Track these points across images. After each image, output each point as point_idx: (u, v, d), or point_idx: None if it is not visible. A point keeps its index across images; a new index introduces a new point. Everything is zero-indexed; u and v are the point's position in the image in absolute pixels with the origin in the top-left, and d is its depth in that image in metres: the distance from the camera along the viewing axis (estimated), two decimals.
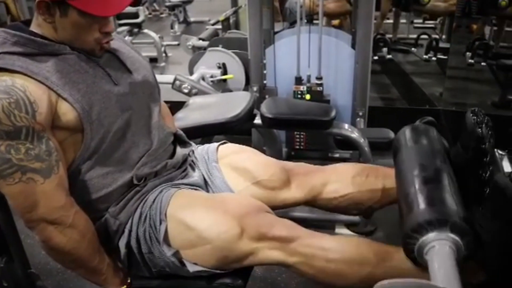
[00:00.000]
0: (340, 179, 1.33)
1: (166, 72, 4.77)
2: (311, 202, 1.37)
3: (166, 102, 2.92)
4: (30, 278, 1.27)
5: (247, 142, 2.81)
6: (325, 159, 2.77)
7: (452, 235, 0.88)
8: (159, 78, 3.44)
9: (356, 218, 2.16)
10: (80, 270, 1.16)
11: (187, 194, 1.22)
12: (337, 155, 2.78)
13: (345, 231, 2.18)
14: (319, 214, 2.25)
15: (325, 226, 2.21)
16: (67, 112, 1.06)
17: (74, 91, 1.06)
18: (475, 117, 1.06)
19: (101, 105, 1.10)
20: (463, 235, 0.88)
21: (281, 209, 1.35)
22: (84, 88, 1.08)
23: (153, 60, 5.11)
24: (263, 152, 2.50)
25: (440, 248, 0.88)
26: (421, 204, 0.94)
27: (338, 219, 2.21)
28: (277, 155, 2.43)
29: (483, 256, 0.96)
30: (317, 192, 1.34)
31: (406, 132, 1.19)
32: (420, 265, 0.93)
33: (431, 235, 0.89)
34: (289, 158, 2.79)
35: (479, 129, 1.02)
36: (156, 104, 1.29)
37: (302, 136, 2.73)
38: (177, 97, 2.88)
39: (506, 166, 2.27)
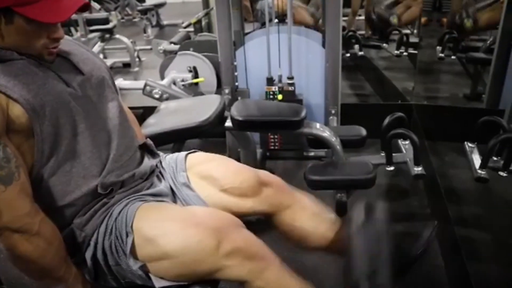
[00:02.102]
0: (301, 211, 1.39)
1: (140, 77, 4.72)
2: (270, 216, 1.39)
3: (139, 108, 2.91)
4: None
5: (222, 144, 2.83)
6: (300, 159, 2.78)
7: None
8: (130, 84, 3.43)
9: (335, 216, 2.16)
10: (46, 280, 1.12)
11: (154, 208, 1.20)
12: (312, 154, 2.79)
13: None
14: None
15: None
16: (20, 115, 1.03)
17: (25, 92, 1.03)
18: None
19: (53, 105, 1.07)
20: None
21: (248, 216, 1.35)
22: (35, 89, 1.06)
23: (126, 65, 5.06)
24: (238, 154, 2.53)
25: None
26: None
27: None
28: (252, 157, 2.43)
29: None
30: (278, 211, 1.37)
31: (358, 213, 1.31)
32: None
33: None
34: (264, 159, 2.79)
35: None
36: (112, 105, 1.25)
37: (276, 137, 2.73)
38: (150, 102, 2.86)
39: (476, 159, 2.32)
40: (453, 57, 3.75)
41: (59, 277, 1.10)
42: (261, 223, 1.42)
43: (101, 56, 5.00)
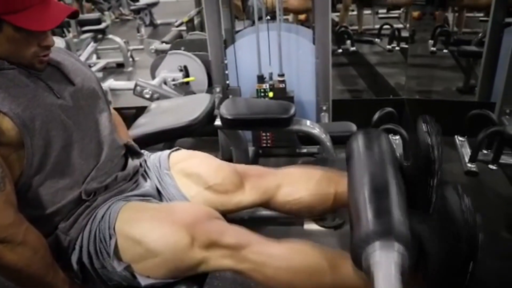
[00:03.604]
0: (292, 183, 1.35)
1: (134, 77, 4.70)
2: (265, 205, 1.37)
3: (131, 108, 2.91)
4: None
5: (214, 143, 2.83)
6: (292, 156, 2.78)
7: (397, 246, 0.88)
8: (121, 85, 3.42)
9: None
10: (34, 287, 1.13)
11: (135, 207, 1.21)
12: (304, 151, 2.79)
13: (314, 226, 2.19)
14: None
15: (293, 223, 2.22)
16: (10, 129, 1.03)
17: (14, 106, 1.04)
18: (426, 125, 1.07)
19: (43, 119, 1.08)
20: (408, 246, 0.88)
21: (237, 212, 1.35)
22: (25, 102, 1.06)
23: (120, 65, 5.05)
24: (230, 152, 2.53)
25: (384, 258, 0.87)
26: (369, 214, 0.94)
27: None
28: (244, 155, 2.43)
29: (426, 267, 0.97)
30: (270, 195, 1.35)
31: (359, 138, 1.17)
32: (368, 275, 0.91)
33: (377, 246, 0.88)
34: (256, 156, 2.79)
35: (429, 138, 1.03)
36: (103, 116, 1.27)
37: (268, 134, 2.73)
38: (143, 102, 2.86)
39: (466, 152, 2.33)
40: (445, 50, 3.76)
41: (46, 283, 1.10)
42: (255, 221, 1.41)
43: (94, 56, 5.00)
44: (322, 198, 1.33)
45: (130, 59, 5.09)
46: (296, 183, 1.35)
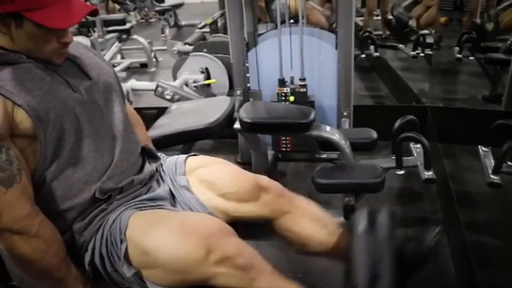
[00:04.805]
0: (299, 217, 1.37)
1: (157, 77, 4.75)
2: (269, 222, 1.37)
3: (152, 108, 2.94)
4: None
5: (234, 146, 2.83)
6: (312, 161, 2.76)
7: None
8: (143, 85, 3.45)
9: (340, 220, 2.14)
10: (46, 280, 1.14)
11: (147, 214, 1.20)
12: (324, 156, 2.77)
13: None
14: None
15: None
16: (24, 120, 1.05)
17: (29, 98, 1.05)
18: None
19: (57, 111, 1.09)
20: None
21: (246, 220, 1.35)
22: (40, 95, 1.07)
23: (143, 65, 5.11)
24: (250, 155, 2.53)
25: None
26: None
27: None
28: (263, 159, 2.42)
29: None
30: (277, 216, 1.36)
31: (361, 218, 1.23)
32: None
33: None
34: (275, 160, 2.78)
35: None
36: (117, 111, 1.26)
37: (288, 139, 2.72)
38: (164, 102, 2.88)
39: (490, 163, 2.27)
40: (471, 58, 3.67)
41: (58, 278, 1.12)
42: (264, 227, 1.42)
43: (118, 56, 5.06)
44: (318, 243, 1.36)
45: (154, 60, 5.14)
46: (303, 218, 1.36)
